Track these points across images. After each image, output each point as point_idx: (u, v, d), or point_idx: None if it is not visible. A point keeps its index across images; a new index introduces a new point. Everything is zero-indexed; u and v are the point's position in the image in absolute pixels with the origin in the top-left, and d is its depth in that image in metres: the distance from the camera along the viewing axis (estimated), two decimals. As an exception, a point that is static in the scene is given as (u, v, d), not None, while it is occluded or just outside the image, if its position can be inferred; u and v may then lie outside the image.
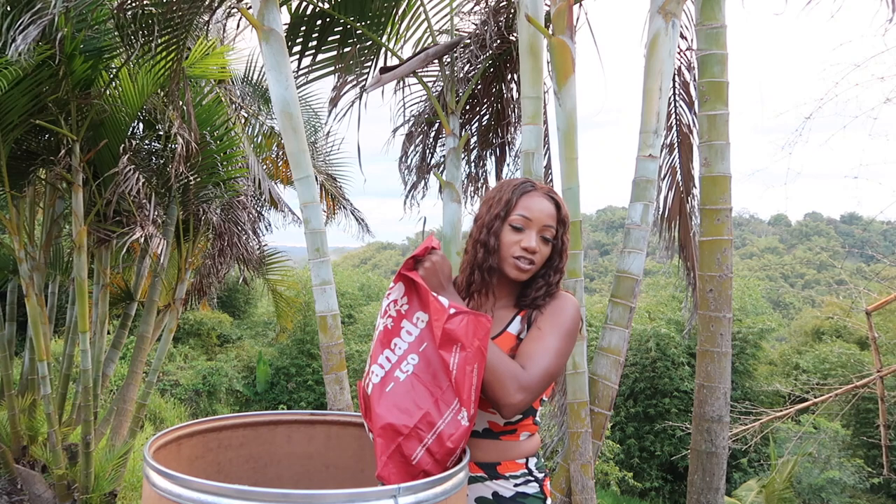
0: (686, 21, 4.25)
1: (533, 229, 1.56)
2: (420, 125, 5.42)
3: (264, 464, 1.59)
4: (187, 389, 14.63)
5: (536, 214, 1.56)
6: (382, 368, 1.45)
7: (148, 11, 3.91)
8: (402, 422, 1.37)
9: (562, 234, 1.60)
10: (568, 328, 1.56)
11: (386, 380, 1.44)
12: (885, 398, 7.08)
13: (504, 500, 1.56)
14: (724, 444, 3.19)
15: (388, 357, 1.46)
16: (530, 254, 1.56)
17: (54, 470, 5.42)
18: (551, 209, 1.58)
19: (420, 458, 1.35)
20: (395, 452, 1.36)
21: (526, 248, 1.55)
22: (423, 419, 1.38)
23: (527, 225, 1.56)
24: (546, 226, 1.57)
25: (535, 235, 1.56)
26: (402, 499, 1.13)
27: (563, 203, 1.63)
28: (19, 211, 5.33)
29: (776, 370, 17.04)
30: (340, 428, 1.64)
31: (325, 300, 3.43)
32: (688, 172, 4.68)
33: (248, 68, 7.59)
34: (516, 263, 1.57)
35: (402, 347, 1.46)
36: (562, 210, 1.60)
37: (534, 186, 1.61)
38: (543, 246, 1.57)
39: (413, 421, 1.37)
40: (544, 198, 1.59)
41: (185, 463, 1.46)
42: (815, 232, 57.96)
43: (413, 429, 1.37)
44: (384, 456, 1.36)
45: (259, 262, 7.77)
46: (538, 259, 1.57)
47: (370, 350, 1.52)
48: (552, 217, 1.58)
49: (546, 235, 1.57)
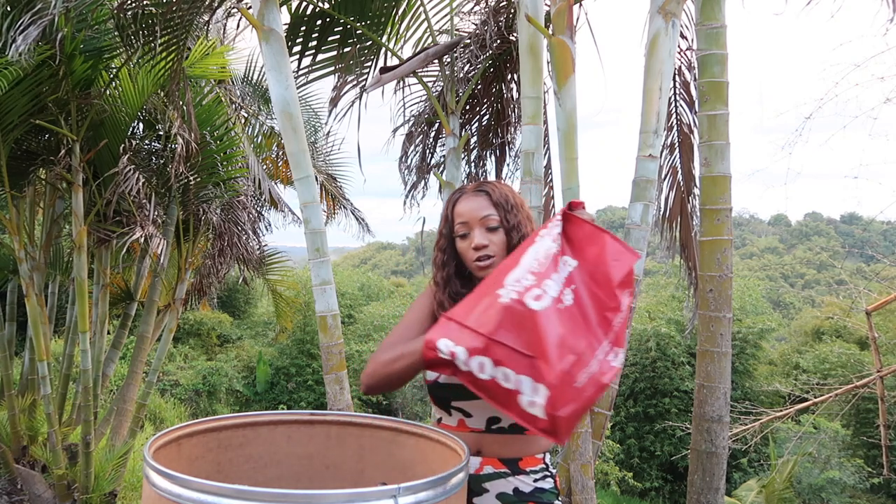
0: (686, 21, 4.25)
1: (475, 228, 1.63)
2: (420, 125, 5.42)
3: (264, 464, 1.59)
4: (187, 389, 14.63)
5: (469, 215, 1.63)
6: (551, 290, 1.37)
7: (148, 12, 3.91)
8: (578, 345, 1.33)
9: (504, 215, 1.63)
10: None
11: (557, 301, 1.37)
12: (885, 398, 7.07)
13: (524, 495, 1.58)
14: (724, 444, 3.19)
15: (555, 279, 1.40)
16: (482, 249, 1.62)
17: (54, 470, 5.42)
18: (482, 201, 1.64)
19: (584, 384, 1.30)
20: (568, 375, 1.29)
21: (475, 246, 1.62)
22: (589, 347, 1.35)
23: (468, 228, 1.64)
24: (483, 217, 1.62)
25: (479, 231, 1.63)
26: (402, 499, 1.13)
27: (496, 188, 1.66)
28: (19, 211, 5.33)
29: (776, 370, 17.05)
30: (340, 428, 1.63)
31: (325, 300, 3.43)
32: (688, 172, 4.68)
33: (248, 68, 7.59)
34: (477, 265, 1.64)
35: (564, 275, 1.42)
36: (493, 195, 1.64)
37: (462, 192, 1.68)
38: (493, 235, 1.63)
39: (582, 347, 1.34)
40: (472, 196, 1.66)
41: (185, 463, 1.46)
42: (815, 232, 57.98)
43: (581, 354, 1.33)
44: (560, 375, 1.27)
45: (259, 262, 7.77)
46: (495, 250, 1.63)
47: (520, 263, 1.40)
48: (487, 206, 1.63)
49: (490, 225, 1.63)
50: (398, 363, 1.50)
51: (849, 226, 54.61)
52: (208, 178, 5.83)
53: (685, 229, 4.71)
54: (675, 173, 4.75)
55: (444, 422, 1.66)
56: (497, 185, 1.69)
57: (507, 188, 1.69)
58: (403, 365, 1.49)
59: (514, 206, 1.66)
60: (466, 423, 1.62)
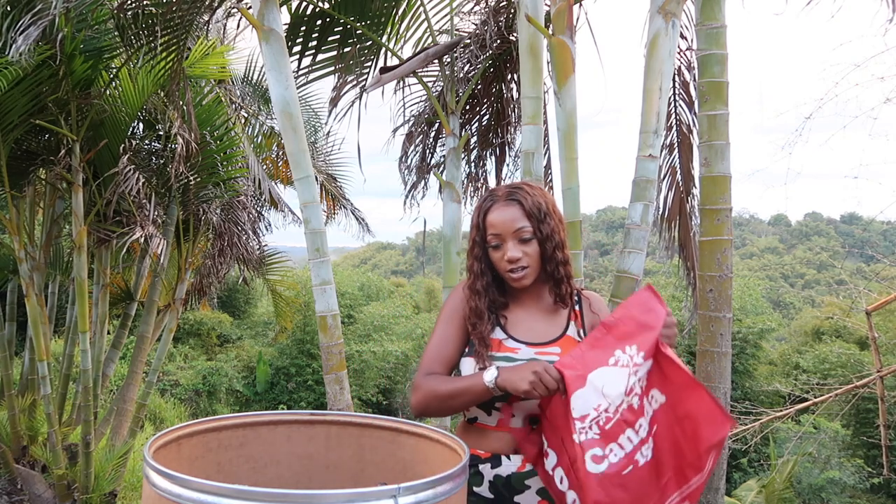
0: (686, 21, 4.25)
1: (507, 240, 1.61)
2: (420, 125, 5.42)
3: (264, 464, 1.59)
4: (187, 389, 14.63)
5: (502, 227, 1.61)
6: (622, 449, 1.42)
7: (148, 12, 3.91)
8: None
9: (538, 225, 1.61)
10: None
11: (625, 462, 1.41)
12: (884, 398, 7.07)
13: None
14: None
15: (630, 438, 1.43)
16: (516, 262, 1.61)
17: (54, 470, 5.42)
18: (515, 212, 1.61)
19: None
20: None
21: (509, 259, 1.61)
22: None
23: (500, 239, 1.62)
24: (517, 230, 1.61)
25: (512, 244, 1.61)
26: (402, 499, 1.13)
27: (529, 196, 1.63)
28: (19, 211, 5.33)
29: (776, 370, 17.05)
30: (340, 428, 1.64)
31: (325, 300, 3.43)
32: (688, 172, 4.68)
33: (248, 68, 7.59)
34: (511, 276, 1.64)
35: (645, 428, 1.45)
36: (526, 204, 1.61)
37: (494, 200, 1.64)
38: (527, 247, 1.62)
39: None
40: (505, 205, 1.63)
41: (185, 463, 1.46)
42: (815, 232, 57.97)
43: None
44: None
45: (259, 262, 7.77)
46: (528, 261, 1.62)
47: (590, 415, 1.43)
48: (519, 218, 1.61)
49: (524, 237, 1.61)
50: (459, 399, 1.56)
51: (849, 226, 54.59)
52: (208, 178, 5.83)
53: (684, 229, 4.71)
54: (674, 173, 4.75)
55: (481, 421, 1.65)
56: (528, 190, 1.64)
57: (539, 192, 1.66)
58: (464, 401, 1.56)
59: (546, 213, 1.62)
60: (508, 422, 1.62)
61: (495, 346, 1.63)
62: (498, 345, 1.64)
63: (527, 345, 1.64)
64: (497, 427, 1.62)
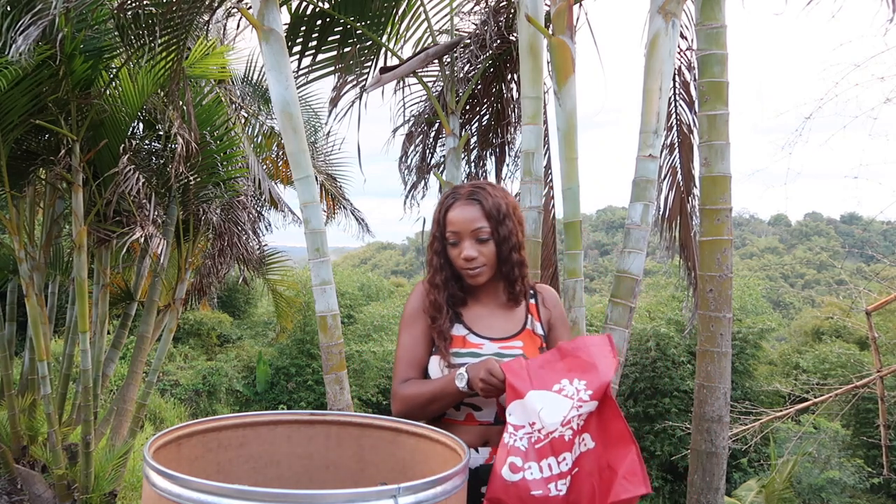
0: (686, 21, 4.25)
1: (465, 239, 1.65)
2: (420, 125, 5.43)
3: (264, 464, 1.59)
4: (187, 389, 14.63)
5: (461, 225, 1.64)
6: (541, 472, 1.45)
7: (148, 12, 3.91)
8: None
9: (496, 226, 1.64)
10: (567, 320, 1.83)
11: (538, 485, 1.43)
12: (884, 398, 7.07)
13: None
14: (724, 444, 3.19)
15: (551, 465, 1.45)
16: (471, 261, 1.65)
17: (54, 470, 5.42)
18: (475, 212, 1.64)
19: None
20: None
21: (464, 258, 1.65)
22: None
23: (458, 237, 1.66)
24: (475, 230, 1.64)
25: (469, 243, 1.64)
26: (402, 499, 1.13)
27: (490, 196, 1.66)
28: (19, 211, 5.33)
29: (776, 370, 17.04)
30: (340, 428, 1.64)
31: (325, 300, 3.43)
32: (688, 172, 4.68)
33: (248, 68, 7.59)
34: (466, 273, 1.68)
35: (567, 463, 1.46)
36: (486, 205, 1.64)
37: (455, 198, 1.68)
38: (483, 247, 1.65)
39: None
40: (466, 204, 1.65)
41: (185, 463, 1.46)
42: (815, 232, 57.96)
43: None
44: None
45: (259, 262, 7.77)
46: (484, 261, 1.66)
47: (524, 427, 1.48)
48: (478, 218, 1.64)
49: (481, 237, 1.64)
50: (437, 404, 1.62)
51: (849, 226, 54.58)
52: (208, 178, 5.83)
53: (685, 229, 4.71)
54: (674, 173, 4.75)
55: (450, 416, 1.69)
56: (490, 191, 1.68)
57: (500, 194, 1.69)
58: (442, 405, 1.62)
59: (505, 215, 1.66)
60: (475, 416, 1.67)
61: (459, 342, 1.67)
62: (462, 341, 1.68)
63: (490, 340, 1.69)
64: (465, 421, 1.67)
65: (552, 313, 1.77)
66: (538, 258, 3.28)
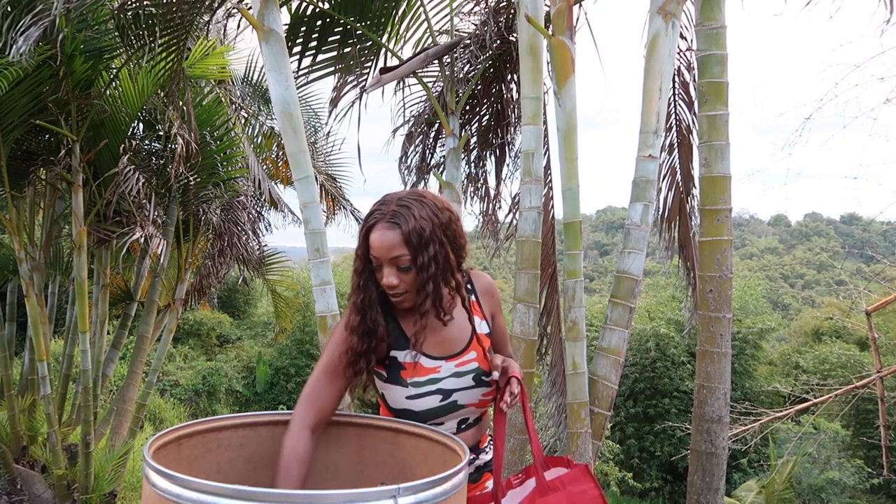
0: (686, 21, 4.25)
1: (385, 266, 1.52)
2: (420, 125, 5.43)
3: (264, 464, 1.59)
4: (187, 389, 14.63)
5: (380, 252, 1.51)
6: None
7: (148, 12, 3.91)
8: None
9: (415, 254, 1.49)
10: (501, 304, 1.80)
11: None
12: (884, 399, 7.08)
13: (481, 468, 1.75)
14: (723, 444, 3.19)
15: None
16: (392, 289, 1.54)
17: (54, 470, 5.42)
18: (392, 238, 1.49)
19: None
20: None
21: (385, 285, 1.54)
22: None
23: (378, 262, 1.53)
24: (393, 258, 1.50)
25: (388, 270, 1.52)
26: (402, 499, 1.13)
27: (412, 219, 1.49)
28: (19, 211, 5.33)
29: (776, 370, 17.05)
30: (340, 428, 1.63)
31: (324, 300, 3.43)
32: (688, 173, 4.68)
33: (248, 68, 7.59)
34: (392, 298, 1.57)
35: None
36: (404, 229, 1.48)
37: (377, 219, 1.52)
38: (404, 275, 1.52)
39: None
40: (386, 228, 1.49)
41: (184, 463, 1.46)
42: (814, 232, 58.00)
43: None
44: None
45: (259, 263, 7.77)
46: (405, 287, 1.54)
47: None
48: (397, 245, 1.49)
49: (401, 265, 1.51)
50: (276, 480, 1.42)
51: (849, 226, 54.62)
52: (208, 178, 5.83)
53: (684, 229, 4.71)
54: (673, 174, 4.75)
55: None
56: (415, 211, 1.50)
57: (427, 213, 1.51)
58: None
59: (428, 240, 1.50)
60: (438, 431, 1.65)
61: (410, 369, 1.59)
62: (414, 368, 1.59)
63: (444, 360, 1.62)
64: None
65: (491, 303, 1.73)
66: (538, 258, 3.28)
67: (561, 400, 4.66)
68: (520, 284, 3.25)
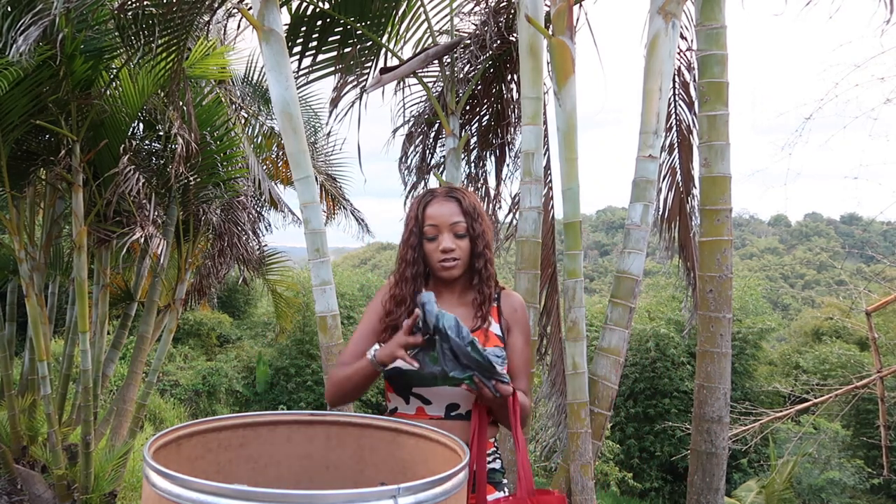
0: (686, 21, 4.25)
1: (444, 232, 1.74)
2: (420, 125, 5.43)
3: (264, 464, 1.59)
4: (187, 390, 14.63)
5: (441, 219, 1.74)
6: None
7: (148, 12, 3.91)
8: None
9: (471, 223, 1.74)
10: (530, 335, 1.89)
11: None
12: (885, 399, 7.08)
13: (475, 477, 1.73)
14: (724, 444, 3.19)
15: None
16: (449, 252, 1.73)
17: (54, 470, 5.42)
18: (453, 207, 1.74)
19: None
20: None
21: (443, 249, 1.73)
22: None
23: (437, 231, 1.74)
24: (453, 223, 1.73)
25: (448, 236, 1.73)
26: (402, 499, 1.13)
27: (466, 196, 1.77)
28: (19, 211, 5.33)
29: (776, 370, 17.05)
30: (340, 428, 1.63)
31: (324, 300, 3.43)
32: (688, 173, 4.68)
33: (249, 68, 7.59)
34: (442, 265, 1.74)
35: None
36: (463, 203, 1.75)
37: (433, 195, 1.78)
38: (460, 241, 1.74)
39: None
40: (444, 201, 1.76)
41: (184, 463, 1.46)
42: (814, 232, 57.99)
43: None
44: None
45: (259, 263, 7.77)
46: (460, 254, 1.74)
47: None
48: (456, 213, 1.74)
49: (458, 232, 1.74)
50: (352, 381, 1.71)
51: (849, 226, 54.61)
52: (208, 178, 5.83)
53: (684, 230, 4.71)
54: (674, 174, 4.75)
55: (401, 411, 1.73)
56: (466, 193, 1.79)
57: (473, 197, 1.81)
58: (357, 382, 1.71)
59: (479, 215, 1.76)
60: (426, 410, 1.70)
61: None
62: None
63: None
64: (415, 415, 1.71)
65: (513, 317, 1.82)
66: (538, 258, 3.28)
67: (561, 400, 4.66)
68: (520, 284, 3.26)
